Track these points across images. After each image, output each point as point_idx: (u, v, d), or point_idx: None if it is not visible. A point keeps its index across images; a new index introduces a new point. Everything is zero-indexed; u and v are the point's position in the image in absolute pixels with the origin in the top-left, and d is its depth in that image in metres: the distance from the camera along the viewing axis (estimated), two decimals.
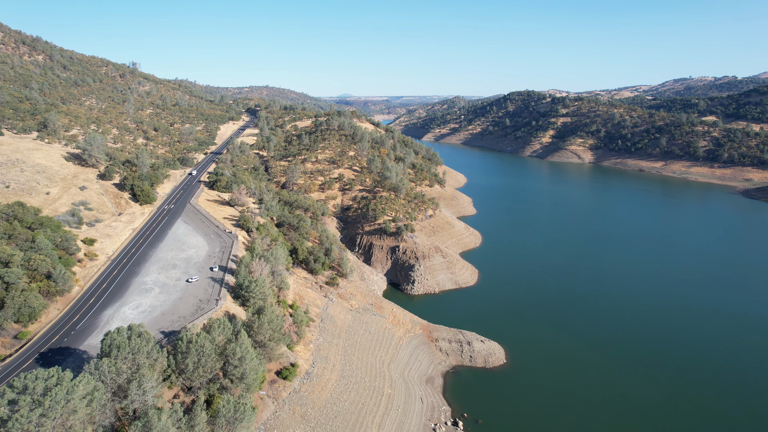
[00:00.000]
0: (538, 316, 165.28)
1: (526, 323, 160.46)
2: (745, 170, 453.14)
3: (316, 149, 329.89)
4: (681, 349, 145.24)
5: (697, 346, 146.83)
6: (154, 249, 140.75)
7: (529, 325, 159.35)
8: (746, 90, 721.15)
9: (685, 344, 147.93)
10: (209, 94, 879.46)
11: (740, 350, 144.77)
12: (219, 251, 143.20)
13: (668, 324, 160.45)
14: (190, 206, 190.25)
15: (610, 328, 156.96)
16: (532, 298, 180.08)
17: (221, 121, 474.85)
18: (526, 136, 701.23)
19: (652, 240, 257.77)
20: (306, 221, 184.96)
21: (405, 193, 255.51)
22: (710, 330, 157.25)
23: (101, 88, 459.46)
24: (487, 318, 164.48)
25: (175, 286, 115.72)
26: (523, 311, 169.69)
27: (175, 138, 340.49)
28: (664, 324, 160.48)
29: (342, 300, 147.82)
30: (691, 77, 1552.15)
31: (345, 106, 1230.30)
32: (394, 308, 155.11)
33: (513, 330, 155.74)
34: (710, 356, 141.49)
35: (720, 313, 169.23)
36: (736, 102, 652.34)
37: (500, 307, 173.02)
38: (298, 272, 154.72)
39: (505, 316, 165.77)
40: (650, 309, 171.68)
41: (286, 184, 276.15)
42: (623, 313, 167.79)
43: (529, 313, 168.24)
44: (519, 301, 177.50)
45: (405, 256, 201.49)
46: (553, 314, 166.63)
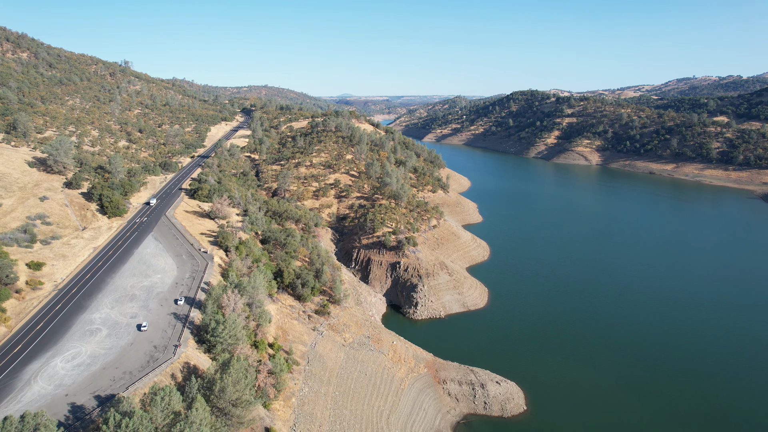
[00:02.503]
0: (558, 347, 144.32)
1: (546, 356, 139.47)
2: (762, 173, 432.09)
3: (311, 152, 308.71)
4: (736, 390, 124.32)
5: (753, 386, 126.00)
6: (114, 274, 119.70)
7: (549, 358, 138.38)
8: (758, 89, 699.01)
9: (740, 383, 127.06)
10: (206, 93, 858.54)
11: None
12: (189, 277, 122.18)
13: (711, 354, 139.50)
14: (165, 219, 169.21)
15: (640, 360, 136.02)
16: (551, 324, 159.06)
17: (213, 121, 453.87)
18: (530, 137, 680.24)
19: (677, 254, 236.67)
20: (295, 236, 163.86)
21: (406, 201, 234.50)
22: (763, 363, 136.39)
23: (88, 87, 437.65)
24: (500, 349, 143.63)
25: (128, 327, 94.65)
26: (541, 340, 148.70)
27: (160, 140, 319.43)
28: (705, 353, 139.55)
29: (334, 333, 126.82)
30: (694, 77, 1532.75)
31: (345, 106, 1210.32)
32: (394, 340, 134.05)
33: (531, 365, 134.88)
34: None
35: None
36: (747, 102, 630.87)
37: (515, 335, 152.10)
38: (284, 299, 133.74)
39: (521, 347, 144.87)
40: (683, 336, 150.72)
41: (278, 190, 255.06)
42: (653, 343, 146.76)
43: (549, 342, 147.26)
44: (535, 328, 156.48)
45: (407, 273, 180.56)
46: (576, 344, 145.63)
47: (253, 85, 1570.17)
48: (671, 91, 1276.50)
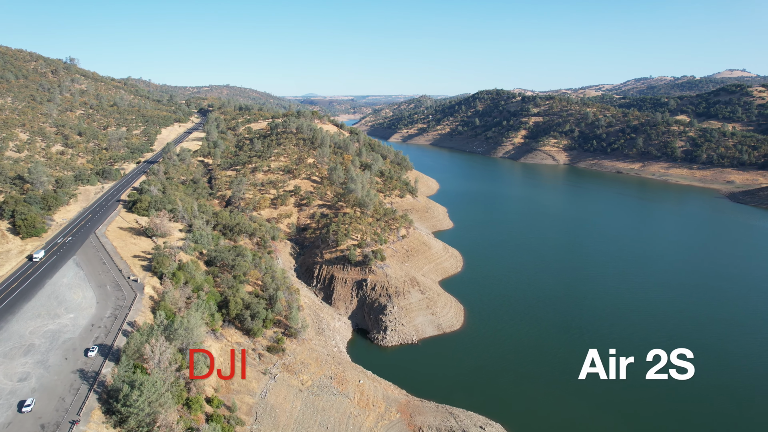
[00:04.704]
0: (544, 374, 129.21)
1: (532, 387, 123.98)
2: (725, 172, 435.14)
3: (269, 156, 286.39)
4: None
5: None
6: (11, 316, 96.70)
7: (536, 389, 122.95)
8: (715, 89, 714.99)
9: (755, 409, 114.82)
10: (163, 93, 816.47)
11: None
12: (110, 315, 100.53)
13: (721, 375, 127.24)
14: (94, 239, 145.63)
15: (635, 386, 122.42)
16: (534, 346, 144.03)
17: (165, 123, 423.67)
18: (497, 137, 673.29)
19: (655, 260, 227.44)
20: (246, 256, 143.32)
21: (373, 209, 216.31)
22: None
23: (24, 85, 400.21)
24: (481, 379, 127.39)
25: (10, 398, 72.78)
26: (525, 366, 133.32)
27: (102, 144, 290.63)
28: (711, 373, 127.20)
29: (289, 375, 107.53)
30: (651, 77, 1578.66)
31: (309, 106, 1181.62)
32: (361, 379, 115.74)
33: (517, 399, 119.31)
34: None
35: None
36: (706, 101, 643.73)
37: (496, 361, 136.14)
38: (230, 334, 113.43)
39: (503, 377, 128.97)
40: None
41: (232, 199, 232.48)
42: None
43: (534, 369, 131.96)
44: (518, 352, 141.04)
45: (374, 292, 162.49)
46: (563, 369, 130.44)
47: (214, 84, 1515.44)
48: (630, 91, 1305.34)
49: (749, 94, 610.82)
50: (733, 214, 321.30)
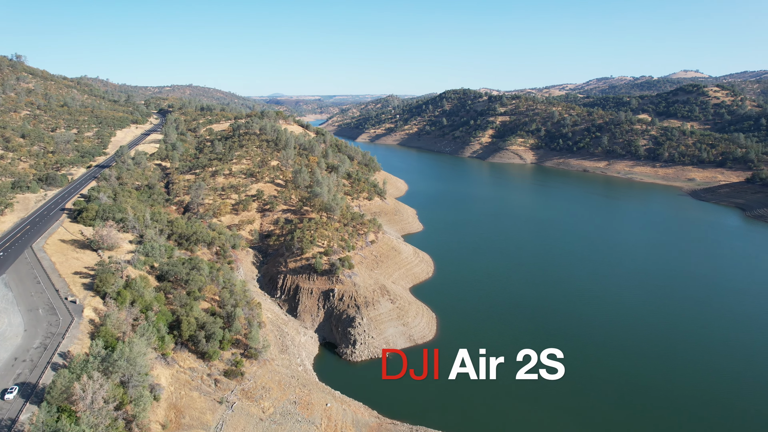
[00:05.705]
0: (526, 388, 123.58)
1: (509, 401, 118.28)
2: (686, 170, 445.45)
3: (230, 159, 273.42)
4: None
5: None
6: None
7: (515, 402, 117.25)
8: (673, 89, 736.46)
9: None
10: (122, 93, 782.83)
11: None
12: (39, 345, 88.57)
13: (711, 387, 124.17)
14: (30, 254, 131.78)
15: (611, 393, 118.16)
16: (508, 359, 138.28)
17: (121, 124, 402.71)
18: (465, 136, 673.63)
19: (623, 257, 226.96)
20: (202, 269, 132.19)
21: (340, 214, 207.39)
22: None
23: None
24: (456, 394, 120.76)
25: None
26: (501, 380, 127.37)
27: (49, 147, 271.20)
28: (702, 385, 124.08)
29: (249, 402, 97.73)
30: (612, 76, 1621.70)
31: (275, 106, 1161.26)
32: (328, 402, 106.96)
33: (496, 415, 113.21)
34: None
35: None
36: (665, 101, 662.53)
37: (470, 375, 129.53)
38: (182, 359, 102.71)
39: (479, 390, 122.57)
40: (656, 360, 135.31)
41: (190, 205, 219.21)
42: (631, 374, 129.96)
43: (511, 384, 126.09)
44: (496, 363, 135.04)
45: (342, 303, 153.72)
46: (540, 384, 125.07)
47: (176, 84, 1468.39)
48: (593, 90, 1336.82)
49: (705, 94, 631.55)
50: (695, 211, 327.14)
